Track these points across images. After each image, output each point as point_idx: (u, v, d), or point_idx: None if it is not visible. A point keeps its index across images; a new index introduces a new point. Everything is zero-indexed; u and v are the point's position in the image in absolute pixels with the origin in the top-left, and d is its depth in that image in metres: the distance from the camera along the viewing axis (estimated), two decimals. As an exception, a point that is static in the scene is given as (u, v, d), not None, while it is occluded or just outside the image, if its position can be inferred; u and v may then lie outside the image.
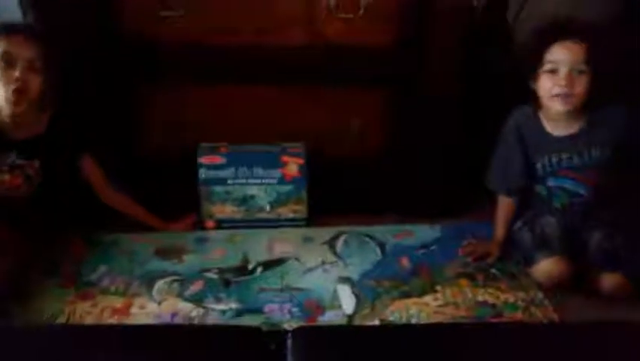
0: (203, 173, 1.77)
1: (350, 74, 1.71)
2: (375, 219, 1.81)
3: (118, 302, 1.51)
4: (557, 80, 1.49)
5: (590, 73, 1.48)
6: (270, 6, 1.66)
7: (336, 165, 1.79)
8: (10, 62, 1.53)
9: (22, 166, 1.62)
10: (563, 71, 1.49)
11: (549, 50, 1.50)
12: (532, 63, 1.52)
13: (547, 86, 1.51)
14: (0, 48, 1.53)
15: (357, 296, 1.53)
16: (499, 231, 1.67)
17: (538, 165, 1.59)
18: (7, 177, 1.61)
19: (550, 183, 1.60)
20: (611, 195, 1.58)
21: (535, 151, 1.59)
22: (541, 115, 1.58)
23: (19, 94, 1.53)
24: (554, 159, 1.57)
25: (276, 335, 1.16)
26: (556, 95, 1.50)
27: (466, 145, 1.76)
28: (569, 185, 1.58)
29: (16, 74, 1.52)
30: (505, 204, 1.67)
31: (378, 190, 1.83)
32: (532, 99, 1.56)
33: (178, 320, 1.47)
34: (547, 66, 1.50)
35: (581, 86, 1.49)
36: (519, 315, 1.47)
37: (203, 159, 1.76)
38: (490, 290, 1.54)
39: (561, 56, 1.49)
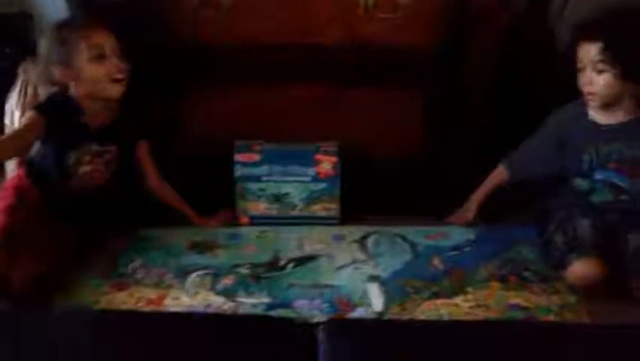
0: (238, 170, 1.79)
1: (388, 73, 1.72)
2: (409, 220, 1.80)
3: (153, 294, 1.54)
4: (581, 78, 1.52)
5: (612, 70, 1.47)
6: (308, 6, 1.68)
7: (371, 165, 1.80)
8: (102, 54, 1.56)
9: (101, 153, 1.65)
10: (586, 70, 1.51)
11: (577, 51, 1.52)
12: (572, 61, 1.54)
13: (580, 84, 1.53)
14: (90, 41, 1.55)
15: (386, 295, 1.53)
16: (480, 195, 1.75)
17: (585, 157, 1.57)
18: (88, 168, 1.64)
19: (597, 176, 1.57)
20: None
21: (583, 142, 1.57)
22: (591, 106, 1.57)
23: (123, 80, 1.59)
24: (604, 150, 1.54)
25: (308, 327, 1.17)
26: (585, 92, 1.53)
27: (505, 147, 1.75)
28: (614, 178, 1.55)
29: (116, 63, 1.56)
30: (498, 176, 1.72)
31: (413, 191, 1.82)
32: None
33: (210, 313, 1.49)
34: (578, 66, 1.53)
35: (602, 84, 1.49)
36: (552, 319, 1.44)
37: (238, 157, 1.79)
38: (522, 293, 1.52)
39: (581, 57, 1.51)
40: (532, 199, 1.70)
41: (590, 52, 1.49)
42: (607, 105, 1.53)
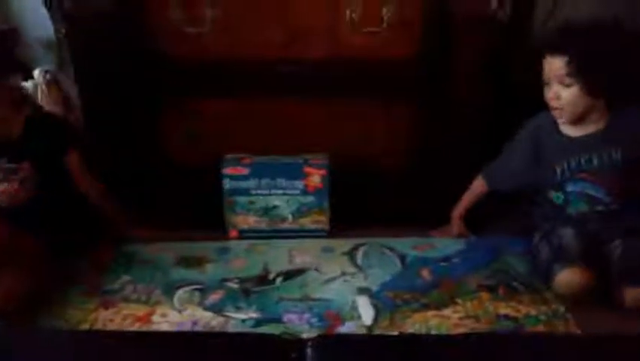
0: (227, 183, 1.79)
1: (374, 86, 1.73)
2: (397, 231, 1.80)
3: (140, 311, 1.53)
4: (548, 93, 1.55)
5: (578, 83, 1.49)
6: (293, 20, 1.68)
7: (359, 177, 1.80)
8: None
9: (14, 170, 1.62)
10: (552, 85, 1.53)
11: (542, 65, 1.54)
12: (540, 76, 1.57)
13: (546, 99, 1.56)
14: None
15: (376, 307, 1.52)
16: (461, 209, 1.77)
17: (558, 170, 1.60)
18: (5, 185, 1.62)
19: (570, 188, 1.60)
20: (631, 201, 1.57)
21: (555, 155, 1.60)
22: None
23: None
24: (573, 162, 1.58)
25: (297, 343, 1.17)
26: (551, 107, 1.56)
27: (491, 157, 1.76)
28: (588, 189, 1.58)
29: None
30: (478, 188, 1.75)
31: (400, 203, 1.83)
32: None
33: (198, 329, 1.47)
34: (544, 80, 1.55)
35: (569, 99, 1.52)
36: (541, 328, 1.44)
37: (227, 170, 1.79)
38: (511, 303, 1.52)
39: (547, 71, 1.54)
40: (519, 210, 1.71)
41: (555, 65, 1.51)
42: (576, 120, 1.56)
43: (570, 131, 1.59)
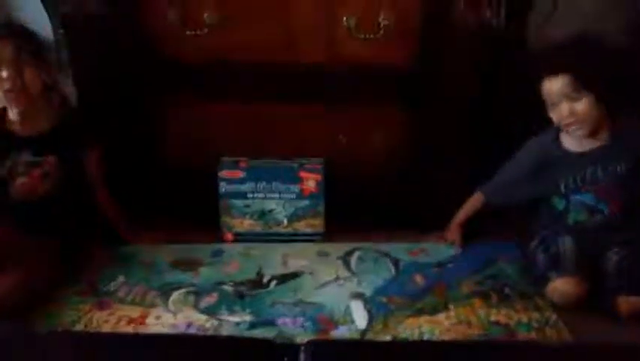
0: (223, 187, 1.80)
1: (369, 91, 1.74)
2: (391, 236, 1.82)
3: (134, 312, 1.53)
4: (559, 112, 1.53)
5: (589, 94, 1.49)
6: (290, 26, 1.69)
7: (354, 182, 1.81)
8: None
9: (38, 164, 1.61)
10: (560, 104, 1.52)
11: (542, 87, 1.54)
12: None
13: (556, 119, 1.55)
14: None
15: (369, 312, 1.53)
16: (461, 219, 1.79)
17: (562, 185, 1.60)
18: (25, 179, 1.60)
19: (572, 197, 1.60)
20: (632, 213, 1.58)
21: (560, 172, 1.60)
22: (563, 135, 1.60)
23: (13, 93, 1.52)
24: (579, 177, 1.58)
25: (289, 348, 1.18)
26: (567, 125, 1.54)
27: (486, 164, 1.77)
28: (590, 200, 1.58)
29: (3, 74, 1.51)
30: (477, 201, 1.76)
31: (395, 208, 1.84)
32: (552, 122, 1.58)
33: (192, 331, 1.48)
34: (548, 101, 1.54)
35: (584, 110, 1.51)
36: (533, 335, 1.45)
37: (223, 173, 1.80)
38: (503, 310, 1.53)
39: (551, 91, 1.52)
40: (514, 217, 1.72)
41: (558, 85, 1.50)
42: (592, 131, 1.54)
43: (575, 147, 1.58)
